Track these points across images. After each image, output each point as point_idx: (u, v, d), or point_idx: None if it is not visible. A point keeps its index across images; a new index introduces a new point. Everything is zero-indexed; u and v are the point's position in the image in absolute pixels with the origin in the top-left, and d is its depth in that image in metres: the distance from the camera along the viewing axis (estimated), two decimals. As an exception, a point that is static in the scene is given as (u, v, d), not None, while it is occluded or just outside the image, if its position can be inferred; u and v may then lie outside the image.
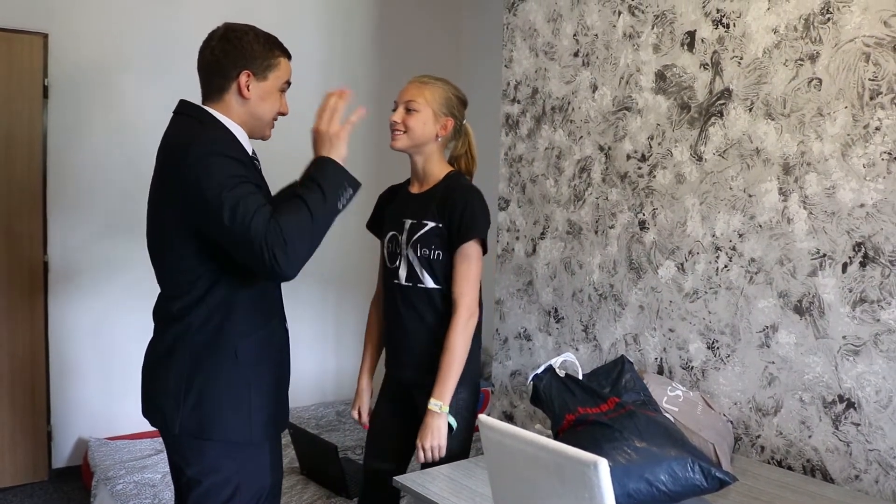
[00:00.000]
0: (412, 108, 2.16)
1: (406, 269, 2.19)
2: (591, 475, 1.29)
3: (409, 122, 2.16)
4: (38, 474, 3.74)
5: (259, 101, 1.83)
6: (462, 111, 2.26)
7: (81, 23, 3.73)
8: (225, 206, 1.63)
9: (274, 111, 1.88)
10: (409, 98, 2.17)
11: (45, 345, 3.74)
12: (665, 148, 2.72)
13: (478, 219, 2.12)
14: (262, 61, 1.81)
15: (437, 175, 2.22)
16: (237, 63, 1.79)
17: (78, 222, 3.78)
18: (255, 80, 1.81)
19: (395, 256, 2.23)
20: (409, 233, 2.18)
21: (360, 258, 4.52)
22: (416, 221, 2.18)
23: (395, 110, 2.20)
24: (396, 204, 2.31)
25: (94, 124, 3.79)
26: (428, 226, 2.15)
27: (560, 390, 2.04)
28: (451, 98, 2.21)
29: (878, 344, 2.12)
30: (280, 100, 1.89)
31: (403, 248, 2.19)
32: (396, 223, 2.24)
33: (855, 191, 2.17)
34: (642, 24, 2.80)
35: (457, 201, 2.12)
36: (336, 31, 4.50)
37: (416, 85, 2.20)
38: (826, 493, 2.05)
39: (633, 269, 2.86)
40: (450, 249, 2.14)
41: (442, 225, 2.14)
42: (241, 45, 1.79)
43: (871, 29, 2.12)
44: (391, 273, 2.24)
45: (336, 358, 4.60)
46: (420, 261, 2.16)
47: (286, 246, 1.64)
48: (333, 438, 3.70)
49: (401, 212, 2.25)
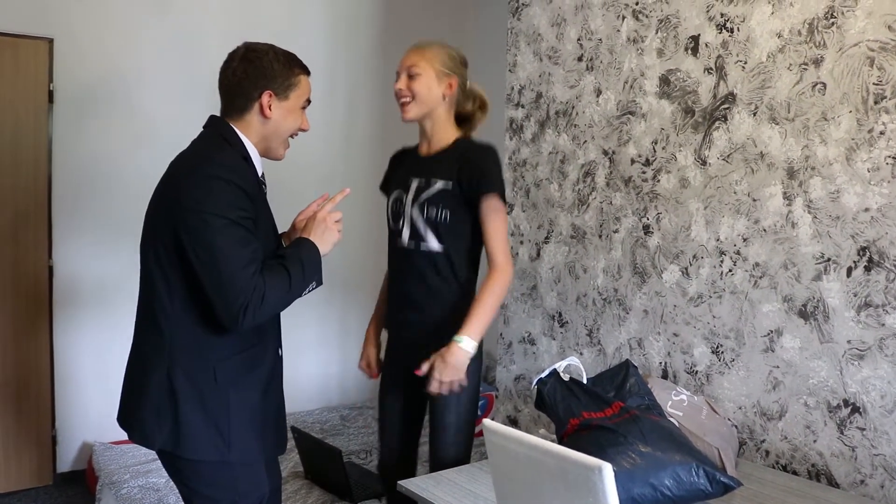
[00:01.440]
0: (414, 73, 2.14)
1: (409, 228, 2.17)
2: (596, 480, 1.29)
3: (414, 86, 2.14)
4: (42, 479, 3.74)
5: (281, 120, 1.84)
6: (464, 71, 2.24)
7: (87, 28, 3.74)
8: (217, 243, 1.64)
9: (295, 127, 1.89)
10: (410, 63, 2.15)
11: (50, 349, 3.74)
12: (669, 152, 2.72)
13: (497, 173, 2.13)
14: (283, 80, 1.82)
15: (447, 138, 2.21)
16: (258, 83, 1.80)
17: (83, 227, 3.78)
18: (276, 99, 1.82)
19: (398, 216, 2.22)
20: (415, 192, 2.17)
21: (364, 262, 4.52)
22: (423, 181, 2.16)
23: (398, 79, 2.19)
24: (405, 165, 2.30)
25: (99, 129, 3.80)
26: (436, 185, 2.14)
27: (564, 395, 2.04)
28: (452, 56, 2.20)
29: (883, 348, 2.12)
30: (301, 116, 1.90)
31: (408, 207, 2.18)
32: (403, 183, 2.23)
33: (859, 195, 2.16)
34: (646, 29, 2.81)
35: (473, 159, 2.12)
36: (340, 37, 4.51)
37: (414, 50, 2.19)
38: (831, 497, 2.04)
39: (637, 273, 2.85)
40: (464, 210, 2.13)
41: (453, 184, 2.12)
42: (262, 66, 1.80)
43: (876, 33, 2.12)
44: (394, 234, 2.24)
45: (340, 362, 4.60)
46: (425, 220, 2.14)
47: (259, 309, 1.67)
48: (338, 443, 3.70)
49: (407, 172, 2.24)
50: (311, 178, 4.36)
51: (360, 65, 4.58)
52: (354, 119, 4.56)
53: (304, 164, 4.34)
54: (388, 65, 4.64)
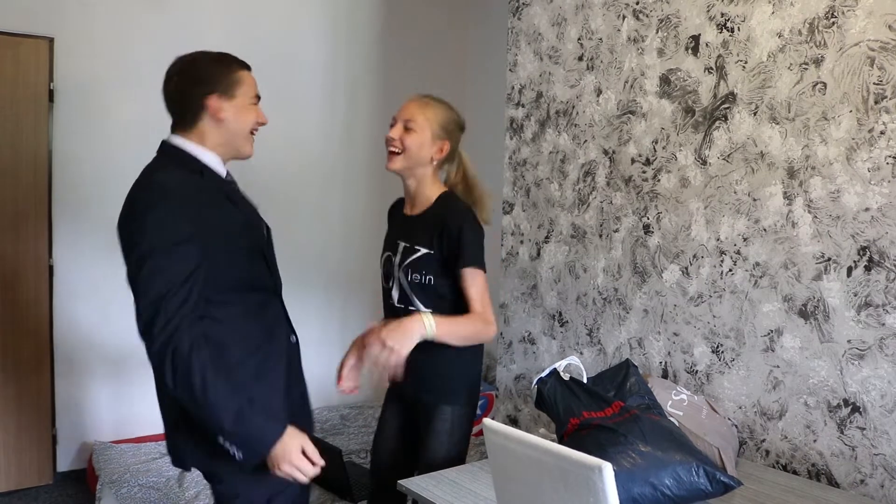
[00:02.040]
0: (410, 127, 2.12)
1: (398, 291, 2.18)
2: (596, 479, 1.29)
3: (407, 140, 2.12)
4: (43, 478, 3.74)
5: (234, 120, 1.81)
6: (458, 136, 2.22)
7: (87, 27, 3.74)
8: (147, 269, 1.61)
9: (252, 122, 1.85)
10: (409, 116, 2.14)
11: (51, 348, 3.75)
12: (669, 152, 2.72)
13: (473, 247, 2.08)
14: (224, 80, 1.80)
15: (429, 197, 2.19)
16: (201, 90, 1.77)
17: (83, 226, 3.79)
18: (224, 100, 1.79)
19: (389, 277, 2.23)
20: (402, 256, 2.17)
21: (364, 263, 4.52)
22: (408, 245, 2.16)
23: (393, 126, 2.16)
24: (394, 223, 2.31)
25: (99, 128, 3.80)
26: (420, 252, 2.13)
27: (564, 394, 2.04)
28: (451, 121, 2.18)
29: (883, 348, 2.12)
30: (255, 111, 1.86)
31: (396, 269, 2.19)
32: (391, 244, 2.24)
33: (860, 195, 2.16)
34: (647, 28, 2.80)
35: (451, 229, 2.08)
36: (340, 36, 4.51)
37: (416, 103, 2.16)
38: (831, 497, 2.05)
39: (637, 272, 2.85)
40: (446, 274, 2.11)
41: (433, 252, 2.11)
42: (198, 72, 1.79)
43: (876, 33, 2.12)
44: (386, 293, 2.24)
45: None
46: (411, 285, 2.14)
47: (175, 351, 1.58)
48: (338, 442, 3.70)
49: (396, 233, 2.25)
50: (311, 176, 4.36)
51: (359, 63, 4.57)
52: (354, 117, 4.55)
53: (305, 163, 4.34)
54: (389, 63, 4.64)
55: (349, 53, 4.55)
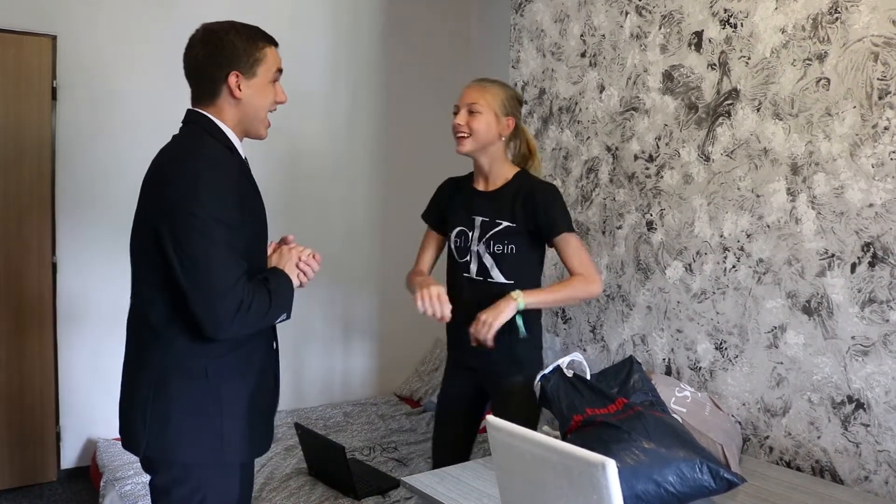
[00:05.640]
0: (475, 111, 2.23)
1: (476, 264, 2.27)
2: (599, 476, 1.29)
3: (473, 124, 2.22)
4: (47, 475, 3.75)
5: (253, 100, 1.76)
6: (520, 111, 2.34)
7: (90, 25, 3.74)
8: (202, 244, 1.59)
9: (270, 103, 1.81)
10: (472, 101, 2.23)
11: (54, 345, 3.75)
12: (672, 148, 2.72)
13: (564, 212, 2.23)
14: (247, 58, 1.74)
15: (505, 174, 2.30)
16: (222, 65, 1.72)
17: (87, 224, 3.79)
18: (244, 79, 1.74)
19: (464, 252, 2.30)
20: (481, 230, 2.27)
21: (368, 259, 4.52)
22: (488, 220, 2.26)
23: (457, 113, 2.26)
24: (463, 200, 2.36)
25: (102, 126, 3.80)
26: (502, 224, 2.23)
27: (568, 391, 2.04)
28: (511, 98, 2.29)
29: (887, 344, 2.11)
30: (274, 90, 1.81)
31: (474, 244, 2.27)
32: (466, 220, 2.32)
33: (864, 191, 2.16)
34: (649, 25, 2.80)
35: (539, 202, 2.20)
36: (343, 32, 4.50)
37: (476, 88, 2.27)
38: (835, 494, 2.04)
39: (640, 269, 2.85)
40: (529, 243, 2.24)
41: (517, 224, 2.22)
42: (223, 46, 1.73)
43: (880, 28, 2.12)
44: (461, 266, 2.31)
45: (344, 359, 4.60)
46: (493, 256, 2.23)
47: (245, 318, 1.63)
48: (341, 439, 3.70)
49: (470, 208, 2.32)
50: (314, 172, 4.36)
51: (362, 59, 4.57)
52: (357, 113, 4.55)
53: (308, 159, 4.34)
54: (390, 59, 4.64)
55: (352, 51, 4.54)
